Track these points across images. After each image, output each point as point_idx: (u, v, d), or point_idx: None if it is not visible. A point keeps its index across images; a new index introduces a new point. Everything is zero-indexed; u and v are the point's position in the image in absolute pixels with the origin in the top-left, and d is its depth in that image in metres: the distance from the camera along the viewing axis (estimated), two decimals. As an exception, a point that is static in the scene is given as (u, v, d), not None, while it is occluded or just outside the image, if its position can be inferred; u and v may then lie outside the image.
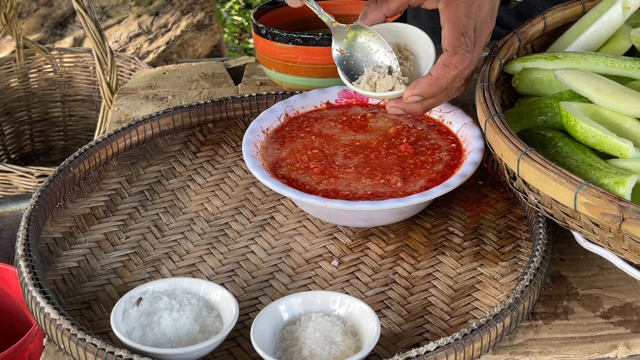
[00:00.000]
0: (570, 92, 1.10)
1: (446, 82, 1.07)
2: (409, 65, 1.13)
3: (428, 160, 1.12)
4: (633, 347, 0.96)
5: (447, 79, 1.07)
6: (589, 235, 0.96)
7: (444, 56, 1.07)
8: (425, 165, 1.11)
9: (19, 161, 2.48)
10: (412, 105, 1.09)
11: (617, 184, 0.94)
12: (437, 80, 1.07)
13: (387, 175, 1.09)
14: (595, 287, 1.03)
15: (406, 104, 1.09)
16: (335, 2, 1.46)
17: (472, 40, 1.09)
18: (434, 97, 1.09)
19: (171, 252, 1.09)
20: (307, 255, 1.08)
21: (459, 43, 1.07)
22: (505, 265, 1.05)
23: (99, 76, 1.82)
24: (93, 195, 1.18)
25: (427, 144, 1.15)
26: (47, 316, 0.94)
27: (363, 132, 1.18)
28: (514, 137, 1.00)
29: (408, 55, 1.14)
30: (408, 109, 1.10)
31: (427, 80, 1.07)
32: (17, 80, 2.42)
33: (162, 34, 3.02)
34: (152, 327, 0.94)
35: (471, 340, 0.91)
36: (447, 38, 1.08)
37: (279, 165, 1.12)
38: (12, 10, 2.26)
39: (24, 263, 1.00)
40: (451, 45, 1.07)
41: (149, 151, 1.26)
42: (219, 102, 1.30)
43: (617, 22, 1.18)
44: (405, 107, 1.10)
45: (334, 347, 0.91)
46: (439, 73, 1.07)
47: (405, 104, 1.09)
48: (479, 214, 1.14)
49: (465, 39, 1.08)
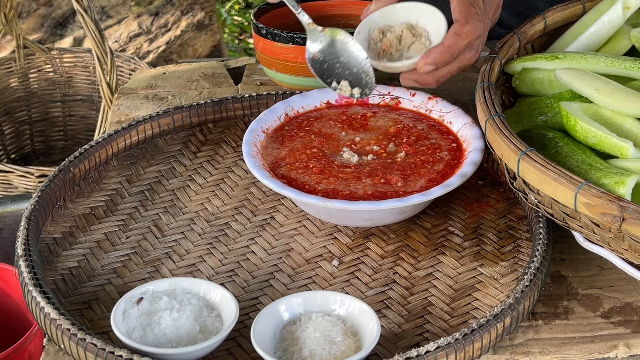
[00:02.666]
0: (571, 92, 1.10)
1: (458, 50, 1.09)
2: (424, 41, 1.15)
3: (429, 160, 1.12)
4: (633, 347, 0.96)
5: (459, 47, 1.09)
6: (589, 235, 0.96)
7: (456, 25, 1.10)
8: (426, 164, 1.11)
9: (19, 161, 2.48)
10: (425, 76, 1.11)
11: (617, 184, 0.94)
12: (449, 49, 1.09)
13: (387, 175, 1.09)
14: (596, 287, 1.03)
15: (419, 74, 1.11)
16: (335, 2, 1.46)
17: (481, 10, 1.11)
18: (446, 66, 1.10)
19: (171, 252, 1.09)
20: (307, 255, 1.08)
21: (469, 12, 1.10)
22: (506, 265, 1.05)
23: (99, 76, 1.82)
24: (93, 195, 1.18)
25: (427, 143, 1.15)
26: (48, 316, 0.94)
27: (363, 131, 1.18)
28: (514, 137, 1.00)
29: (422, 32, 1.15)
30: (421, 80, 1.12)
31: (439, 49, 1.09)
32: (17, 80, 2.42)
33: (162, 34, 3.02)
34: (152, 327, 0.94)
35: (471, 340, 0.91)
36: (457, 8, 1.10)
37: (279, 165, 1.12)
38: (12, 10, 2.26)
39: (24, 263, 1.00)
40: (462, 15, 1.10)
41: (149, 151, 1.26)
42: (219, 102, 1.30)
43: (617, 22, 1.18)
44: (418, 79, 1.12)
45: (334, 347, 0.91)
46: (451, 42, 1.09)
47: (418, 75, 1.12)
48: (479, 214, 1.14)
49: (475, 9, 1.10)
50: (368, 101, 1.24)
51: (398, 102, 1.23)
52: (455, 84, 1.44)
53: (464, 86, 1.44)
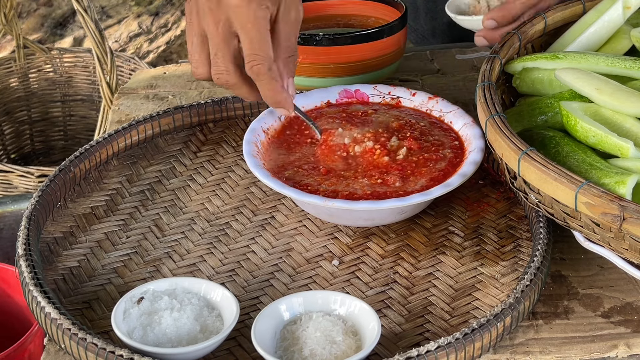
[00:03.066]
0: (571, 92, 1.10)
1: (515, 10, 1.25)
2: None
3: (431, 158, 1.12)
4: (633, 346, 0.96)
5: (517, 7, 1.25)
6: (590, 235, 0.96)
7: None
8: (428, 163, 1.11)
9: (19, 161, 2.48)
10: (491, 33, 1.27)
11: (618, 183, 0.94)
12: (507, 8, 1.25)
13: (387, 174, 1.09)
14: (596, 286, 1.04)
15: (486, 31, 1.27)
16: (335, 2, 1.46)
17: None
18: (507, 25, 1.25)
19: (172, 251, 1.09)
20: (308, 255, 1.08)
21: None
22: (506, 265, 1.05)
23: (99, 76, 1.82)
24: (94, 195, 1.18)
25: (430, 139, 1.15)
26: (48, 316, 0.94)
27: (364, 126, 1.18)
28: (515, 136, 1.00)
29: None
30: (489, 36, 1.27)
31: (499, 8, 1.25)
32: (17, 80, 2.42)
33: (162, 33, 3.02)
34: (152, 326, 0.94)
35: (472, 340, 0.91)
36: None
37: (279, 164, 1.12)
38: (12, 10, 2.26)
39: (25, 263, 1.00)
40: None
41: (150, 151, 1.26)
42: (219, 102, 1.30)
43: (617, 22, 1.18)
44: (486, 35, 1.28)
45: (335, 346, 0.91)
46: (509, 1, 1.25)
47: (485, 32, 1.27)
48: (480, 214, 1.14)
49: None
50: (369, 100, 1.24)
51: (398, 102, 1.23)
52: (456, 83, 1.45)
53: (464, 86, 1.44)
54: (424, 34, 1.81)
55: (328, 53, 1.31)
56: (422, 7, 1.77)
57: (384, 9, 1.43)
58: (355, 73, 1.33)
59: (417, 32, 1.82)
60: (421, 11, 1.79)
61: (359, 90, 1.24)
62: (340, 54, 1.31)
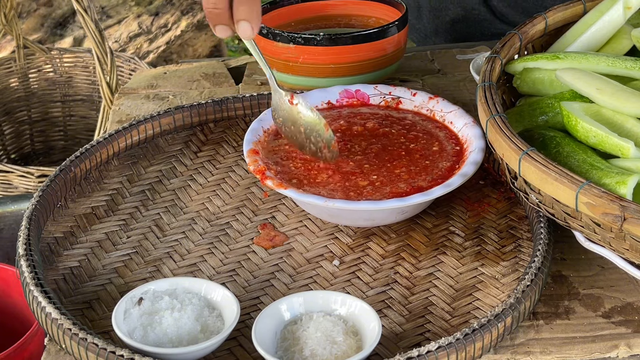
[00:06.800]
0: (572, 92, 1.10)
1: None
2: None
3: (432, 158, 1.12)
4: (634, 346, 0.96)
5: None
6: (590, 235, 0.96)
7: None
8: (428, 163, 1.11)
9: (19, 161, 2.48)
10: None
11: (619, 183, 0.94)
12: None
13: (388, 174, 1.09)
14: (597, 286, 1.03)
15: None
16: (335, 2, 1.46)
17: None
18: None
19: (172, 251, 1.09)
20: (308, 255, 1.08)
21: None
22: (507, 265, 1.05)
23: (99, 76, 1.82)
24: (94, 195, 1.18)
25: (431, 139, 1.15)
26: (49, 316, 0.94)
27: (365, 130, 1.18)
28: (515, 136, 1.00)
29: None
30: None
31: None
32: (17, 80, 2.42)
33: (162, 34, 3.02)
34: (153, 326, 0.94)
35: (472, 340, 0.91)
36: None
37: (279, 164, 1.12)
38: (12, 10, 2.26)
39: (25, 263, 1.00)
40: None
41: (150, 151, 1.26)
42: (219, 102, 1.30)
43: (618, 22, 1.18)
44: None
45: (335, 346, 0.91)
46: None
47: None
48: (480, 214, 1.14)
49: None
50: (369, 101, 1.24)
51: (399, 102, 1.23)
52: (456, 84, 1.45)
53: (465, 86, 1.44)
54: (426, 32, 1.81)
55: (328, 53, 1.31)
56: (425, 5, 1.77)
57: (384, 9, 1.43)
58: (355, 73, 1.33)
59: (419, 31, 1.82)
60: (424, 10, 1.79)
61: (359, 90, 1.24)
62: (341, 54, 1.31)
